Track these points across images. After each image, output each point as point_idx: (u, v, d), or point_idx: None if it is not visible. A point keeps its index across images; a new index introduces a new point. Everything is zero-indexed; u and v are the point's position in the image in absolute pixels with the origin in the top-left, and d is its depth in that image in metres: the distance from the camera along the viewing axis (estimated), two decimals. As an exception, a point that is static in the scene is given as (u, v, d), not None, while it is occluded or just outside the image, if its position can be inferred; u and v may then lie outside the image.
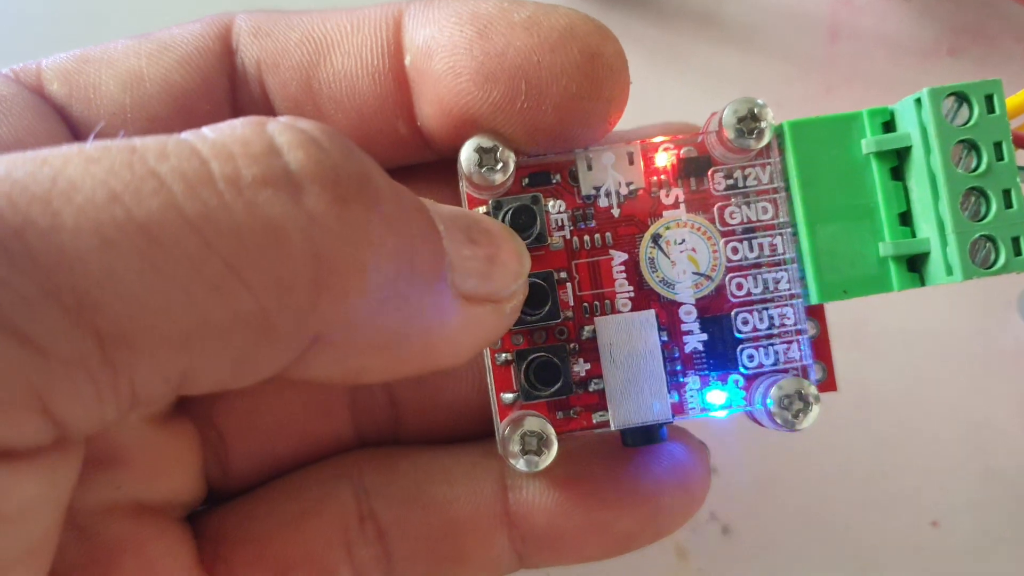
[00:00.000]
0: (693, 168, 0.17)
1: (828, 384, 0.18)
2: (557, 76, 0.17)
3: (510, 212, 0.17)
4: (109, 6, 0.29)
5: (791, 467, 0.26)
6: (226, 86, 0.19)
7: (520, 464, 0.17)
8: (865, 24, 0.31)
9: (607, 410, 0.17)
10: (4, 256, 0.12)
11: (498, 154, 0.17)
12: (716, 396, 0.17)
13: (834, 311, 0.21)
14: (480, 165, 0.16)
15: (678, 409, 0.17)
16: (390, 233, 0.14)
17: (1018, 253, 0.16)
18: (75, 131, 0.18)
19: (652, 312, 0.17)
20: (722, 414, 0.17)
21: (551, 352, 0.17)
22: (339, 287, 0.14)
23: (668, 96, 0.29)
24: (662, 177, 0.17)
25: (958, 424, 0.27)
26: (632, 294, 0.17)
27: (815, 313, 0.18)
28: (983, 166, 0.16)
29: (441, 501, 0.19)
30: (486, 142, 0.17)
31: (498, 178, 0.16)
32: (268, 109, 0.18)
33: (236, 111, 0.18)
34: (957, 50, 0.30)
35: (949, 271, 0.16)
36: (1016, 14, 0.30)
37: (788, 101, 0.30)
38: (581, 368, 0.17)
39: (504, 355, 0.17)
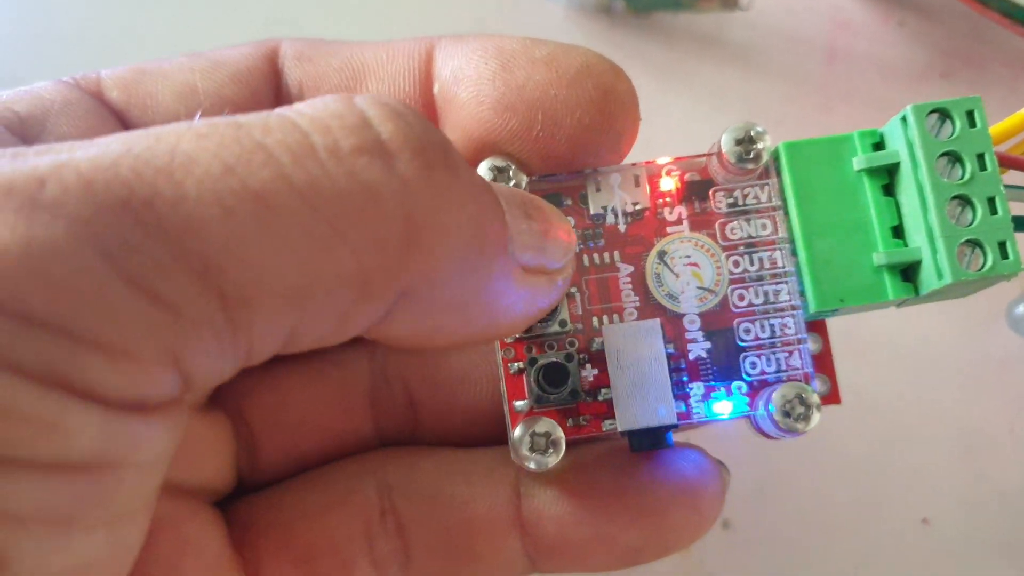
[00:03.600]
0: (696, 190, 0.18)
1: (832, 397, 0.18)
2: (572, 109, 0.18)
3: None
4: (158, 30, 0.30)
5: (790, 467, 0.27)
6: (272, 103, 0.19)
7: (531, 464, 0.17)
8: (861, 47, 0.32)
9: (618, 419, 0.17)
10: (139, 225, 0.13)
11: (511, 173, 0.18)
12: (722, 407, 0.18)
13: (831, 322, 0.22)
14: (493, 183, 0.17)
15: (683, 416, 0.17)
16: (469, 199, 0.15)
17: (1004, 256, 0.16)
18: None
19: (657, 320, 0.17)
20: (725, 416, 0.17)
21: (560, 357, 0.17)
22: (427, 246, 0.14)
23: (674, 114, 0.30)
24: (667, 200, 0.18)
25: (948, 428, 0.27)
26: (639, 306, 0.18)
27: (818, 329, 0.18)
28: (967, 175, 0.17)
29: (460, 500, 0.20)
30: (500, 162, 0.18)
31: None
32: None
33: None
34: (949, 73, 0.31)
35: (940, 275, 0.16)
36: (1005, 40, 0.31)
37: (787, 119, 0.31)
38: (589, 373, 0.17)
39: (517, 364, 0.17)
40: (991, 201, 0.17)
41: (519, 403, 0.17)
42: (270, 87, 0.20)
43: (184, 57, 0.20)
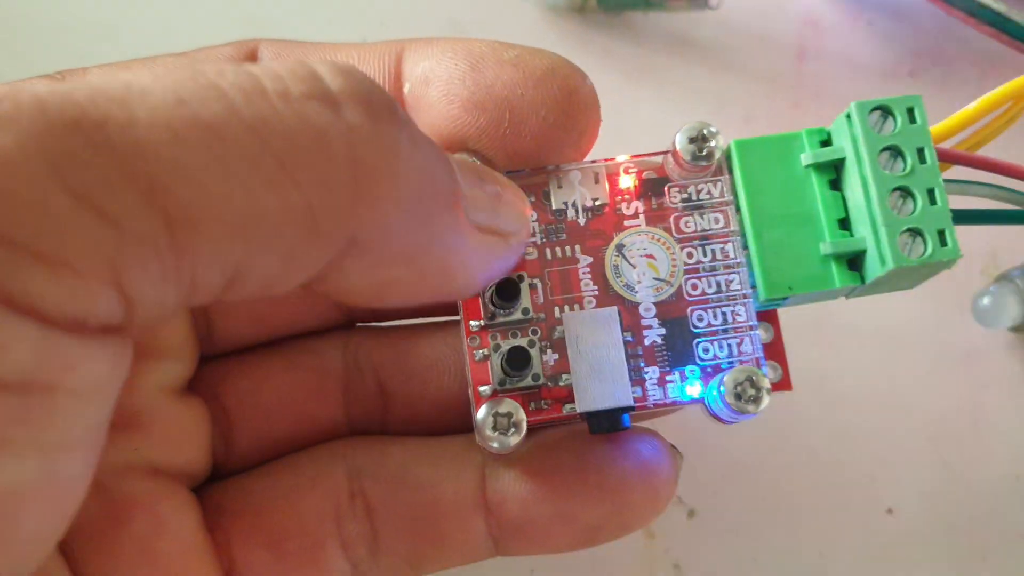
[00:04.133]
0: (653, 186, 0.19)
1: (783, 384, 0.19)
2: (537, 108, 0.19)
3: None
4: (145, 31, 0.31)
5: (754, 456, 0.27)
6: None
7: (494, 444, 0.18)
8: (831, 46, 0.32)
9: (577, 402, 0.18)
10: (88, 143, 0.13)
11: None
12: (676, 391, 0.19)
13: (798, 312, 0.23)
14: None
15: (639, 399, 0.18)
16: (416, 151, 0.16)
17: (944, 244, 0.17)
18: None
19: (615, 308, 0.18)
20: (679, 399, 0.18)
21: (523, 342, 0.18)
22: (374, 191, 0.15)
23: (645, 110, 0.31)
24: (625, 196, 0.19)
25: (914, 418, 0.28)
26: (598, 295, 0.19)
27: (769, 318, 0.19)
28: (908, 168, 0.18)
29: (426, 483, 0.21)
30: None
31: None
32: None
33: None
34: (917, 72, 0.32)
35: (883, 262, 0.17)
36: (972, 39, 0.31)
37: (757, 117, 0.31)
38: (551, 359, 0.18)
39: (481, 351, 0.18)
40: (931, 192, 0.18)
41: (484, 388, 0.18)
42: None
43: (170, 57, 0.21)
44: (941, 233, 0.17)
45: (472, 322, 0.19)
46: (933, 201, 0.17)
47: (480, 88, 0.19)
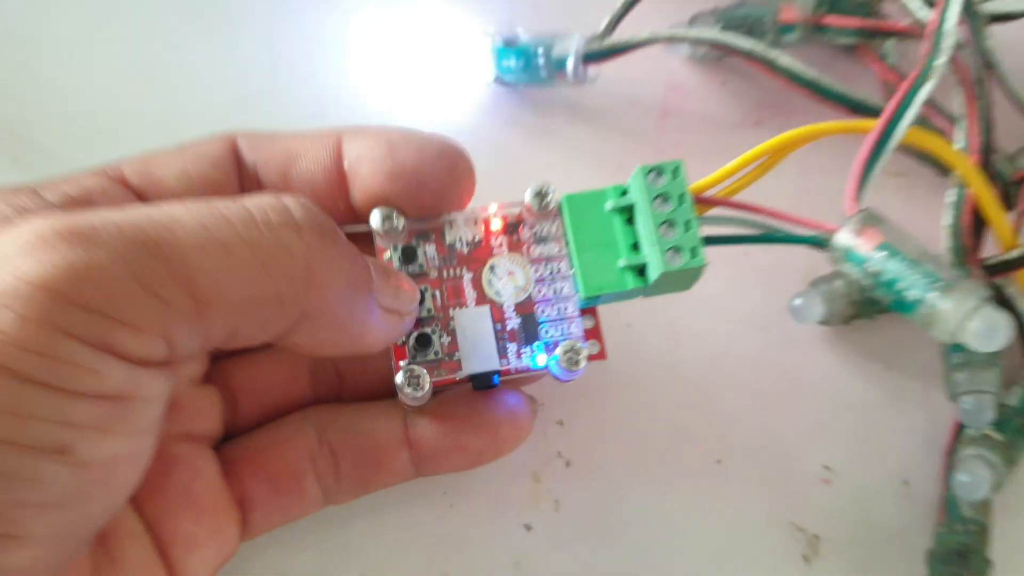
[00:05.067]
0: (513, 227, 0.25)
1: (601, 355, 0.25)
2: (434, 177, 0.24)
3: (402, 250, 0.25)
4: (139, 128, 0.34)
5: (616, 419, 0.31)
6: (238, 180, 0.25)
7: (408, 398, 0.23)
8: (689, 105, 0.36)
9: (463, 368, 0.24)
10: (150, 255, 0.17)
11: (395, 217, 0.24)
12: (528, 359, 0.24)
13: (651, 313, 0.29)
14: (383, 224, 0.24)
15: (505, 367, 0.24)
16: (346, 258, 0.20)
17: (695, 257, 0.23)
18: None
19: (487, 307, 0.25)
20: (530, 365, 0.24)
21: (428, 330, 0.24)
22: (320, 284, 0.19)
23: (540, 164, 0.34)
24: (495, 232, 0.25)
25: (743, 388, 0.31)
26: (476, 299, 0.25)
27: (592, 312, 0.25)
28: (672, 209, 0.24)
29: (368, 431, 0.25)
30: (387, 211, 0.24)
31: (396, 232, 0.24)
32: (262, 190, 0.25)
33: (244, 191, 0.25)
34: (760, 122, 0.35)
35: (657, 269, 0.23)
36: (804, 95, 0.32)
37: (627, 166, 0.30)
38: (446, 341, 0.24)
39: (401, 339, 0.24)
40: (687, 223, 0.24)
41: (402, 362, 0.24)
42: (235, 168, 0.24)
43: (176, 148, 0.24)
44: (693, 250, 0.23)
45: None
46: (688, 229, 0.24)
47: (396, 165, 0.24)
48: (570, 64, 0.32)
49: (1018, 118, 0.32)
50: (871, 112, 0.29)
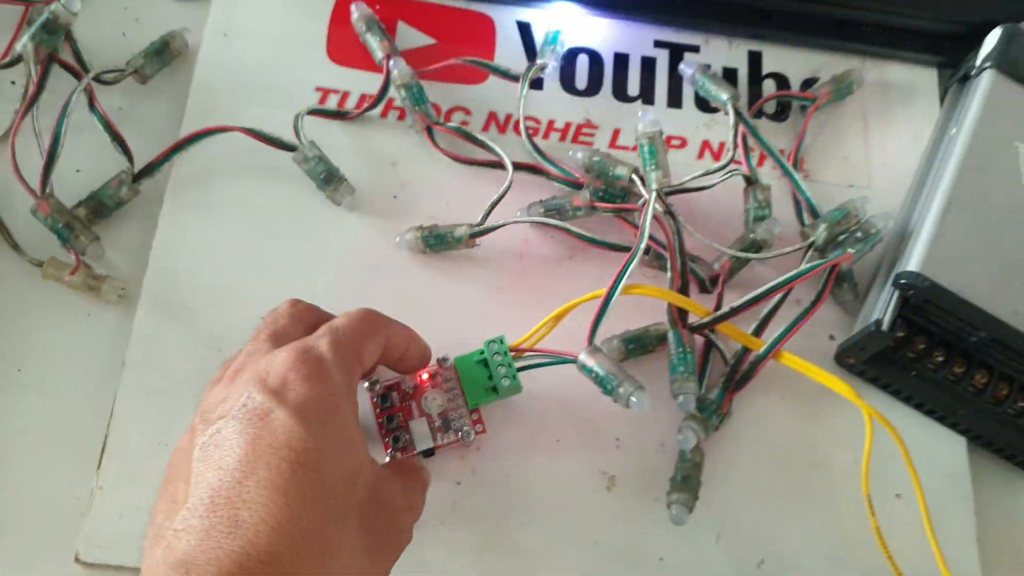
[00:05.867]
0: (434, 375, 0.51)
1: (483, 431, 0.48)
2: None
3: (380, 396, 0.50)
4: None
5: (514, 446, 0.52)
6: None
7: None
8: (534, 250, 0.55)
9: (415, 447, 0.46)
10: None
11: (380, 384, 0.55)
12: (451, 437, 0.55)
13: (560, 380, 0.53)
14: (372, 388, 0.54)
15: (436, 443, 0.47)
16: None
17: (515, 380, 0.52)
18: None
19: (425, 417, 0.47)
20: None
21: (398, 433, 0.48)
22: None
23: (450, 312, 0.55)
24: (424, 380, 0.50)
25: (639, 425, 0.55)
26: (418, 413, 0.49)
27: (477, 411, 0.48)
28: (502, 357, 0.54)
29: None
30: (373, 379, 0.55)
31: (375, 389, 0.54)
32: None
33: None
34: (575, 256, 0.57)
35: (500, 388, 0.53)
36: (607, 233, 0.56)
37: (495, 301, 0.55)
38: (407, 436, 0.46)
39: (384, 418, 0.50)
40: (510, 364, 0.51)
41: (388, 450, 0.47)
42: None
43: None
44: (515, 376, 0.49)
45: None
46: (511, 367, 0.51)
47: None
48: (464, 238, 0.55)
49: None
50: (624, 250, 0.54)
